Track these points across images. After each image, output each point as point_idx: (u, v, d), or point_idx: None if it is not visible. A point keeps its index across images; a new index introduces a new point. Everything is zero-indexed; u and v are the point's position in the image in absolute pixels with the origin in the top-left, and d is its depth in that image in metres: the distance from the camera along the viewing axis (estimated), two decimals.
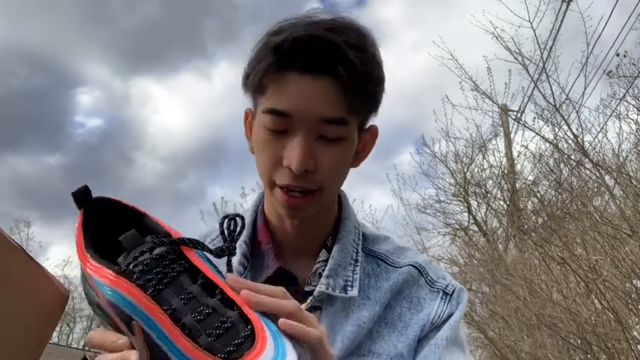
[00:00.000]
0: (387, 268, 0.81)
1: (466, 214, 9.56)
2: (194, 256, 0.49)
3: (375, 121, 0.80)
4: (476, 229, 9.48)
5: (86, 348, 23.01)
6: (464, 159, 9.49)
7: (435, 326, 0.77)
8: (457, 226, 9.67)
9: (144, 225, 0.53)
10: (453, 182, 9.62)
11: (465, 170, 9.46)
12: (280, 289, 0.55)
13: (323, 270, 0.77)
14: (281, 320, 0.50)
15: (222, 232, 0.53)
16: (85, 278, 0.51)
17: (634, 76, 5.60)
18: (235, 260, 0.76)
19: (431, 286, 0.81)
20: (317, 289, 0.75)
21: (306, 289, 0.77)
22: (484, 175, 9.36)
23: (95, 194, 0.56)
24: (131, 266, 0.47)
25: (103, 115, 43.25)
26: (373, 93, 0.74)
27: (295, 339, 0.51)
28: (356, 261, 0.80)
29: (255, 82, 0.73)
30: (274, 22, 0.74)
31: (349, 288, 0.76)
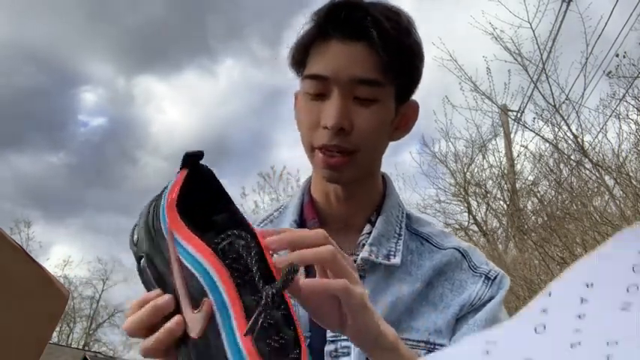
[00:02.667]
0: (430, 248, 0.82)
1: (466, 214, 9.57)
2: (271, 263, 0.49)
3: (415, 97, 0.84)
4: (476, 229, 9.48)
5: (86, 348, 23.00)
6: (464, 159, 9.51)
7: (474, 308, 0.78)
8: (457, 226, 9.67)
9: (230, 213, 0.53)
10: (453, 182, 9.64)
11: (465, 170, 9.47)
12: (321, 233, 0.55)
13: (366, 241, 0.79)
14: (303, 283, 0.50)
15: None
16: (155, 230, 0.50)
17: (634, 77, 5.60)
18: None
19: (473, 270, 0.82)
20: (360, 255, 0.77)
21: (351, 258, 0.78)
22: (484, 175, 9.37)
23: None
24: (225, 247, 0.47)
25: (106, 114, 43.34)
26: (407, 62, 0.77)
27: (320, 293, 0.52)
28: (399, 235, 0.81)
29: (299, 54, 0.79)
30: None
31: (392, 256, 0.78)
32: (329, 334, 0.73)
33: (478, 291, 0.79)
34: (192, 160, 0.52)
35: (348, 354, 0.72)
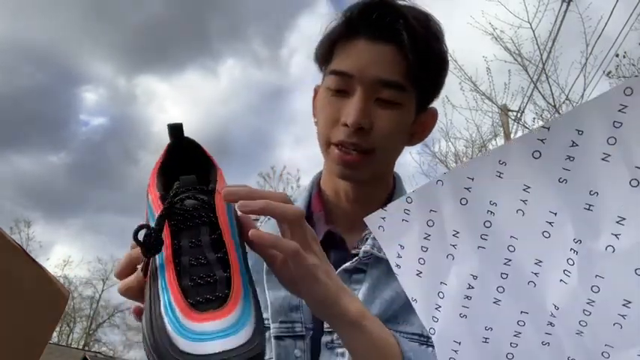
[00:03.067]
0: None
1: None
2: (223, 214, 0.52)
3: (435, 105, 0.84)
4: None
5: (86, 348, 23.00)
6: (464, 159, 9.50)
7: None
8: None
9: (209, 175, 0.58)
10: None
11: None
12: (282, 195, 0.56)
13: (370, 235, 0.78)
14: (251, 231, 0.52)
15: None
16: (147, 199, 0.56)
17: (634, 77, 5.60)
18: None
19: None
20: (363, 248, 0.77)
21: (354, 251, 0.79)
22: None
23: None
24: (174, 199, 0.51)
25: (107, 114, 43.44)
26: (433, 68, 0.77)
27: (269, 250, 0.55)
28: None
29: (325, 49, 0.79)
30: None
31: None
32: (326, 325, 0.73)
33: None
34: (174, 132, 0.58)
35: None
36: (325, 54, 0.79)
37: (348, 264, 0.76)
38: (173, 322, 0.44)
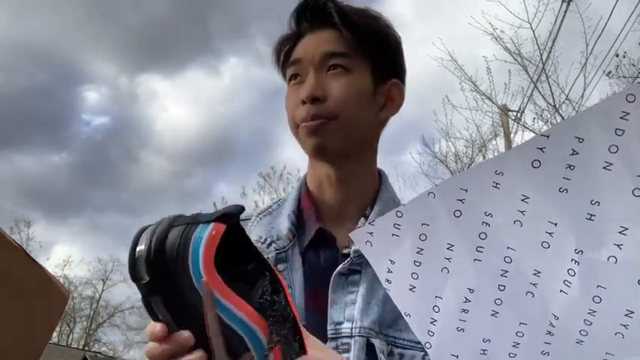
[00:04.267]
0: None
1: None
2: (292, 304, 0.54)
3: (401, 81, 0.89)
4: None
5: (86, 348, 23.00)
6: (464, 159, 9.51)
7: None
8: None
9: (257, 262, 0.54)
10: None
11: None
12: None
13: None
14: None
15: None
16: (192, 288, 0.49)
17: (634, 77, 5.60)
18: (284, 229, 0.83)
19: None
20: (353, 247, 0.77)
21: (344, 251, 0.79)
22: None
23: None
24: (261, 302, 0.50)
25: (109, 113, 43.33)
26: (374, 41, 0.84)
27: None
28: None
29: (280, 57, 0.88)
30: None
31: None
32: (329, 330, 0.73)
33: None
34: (231, 216, 0.50)
35: (348, 350, 0.72)
36: (281, 56, 0.88)
37: (341, 267, 0.76)
38: None
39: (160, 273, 0.48)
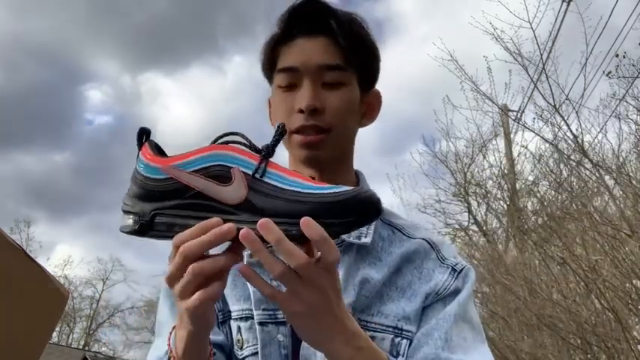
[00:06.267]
0: (401, 236, 0.87)
1: (466, 214, 9.57)
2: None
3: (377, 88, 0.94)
4: (476, 229, 9.47)
5: (86, 348, 22.98)
6: (464, 159, 9.50)
7: (440, 297, 0.82)
8: (457, 226, 9.67)
9: None
10: (453, 182, 9.63)
11: (465, 170, 9.46)
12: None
13: None
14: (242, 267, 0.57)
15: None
16: (144, 164, 0.58)
17: (634, 77, 5.60)
18: None
19: (441, 261, 0.85)
20: None
21: None
22: (484, 175, 9.37)
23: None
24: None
25: (112, 112, 43.33)
26: (365, 52, 0.87)
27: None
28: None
29: (268, 55, 0.89)
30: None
31: (363, 236, 0.83)
32: None
33: (444, 281, 0.83)
34: (143, 136, 0.60)
35: None
36: (270, 60, 0.89)
37: None
38: None
39: (144, 197, 0.60)
